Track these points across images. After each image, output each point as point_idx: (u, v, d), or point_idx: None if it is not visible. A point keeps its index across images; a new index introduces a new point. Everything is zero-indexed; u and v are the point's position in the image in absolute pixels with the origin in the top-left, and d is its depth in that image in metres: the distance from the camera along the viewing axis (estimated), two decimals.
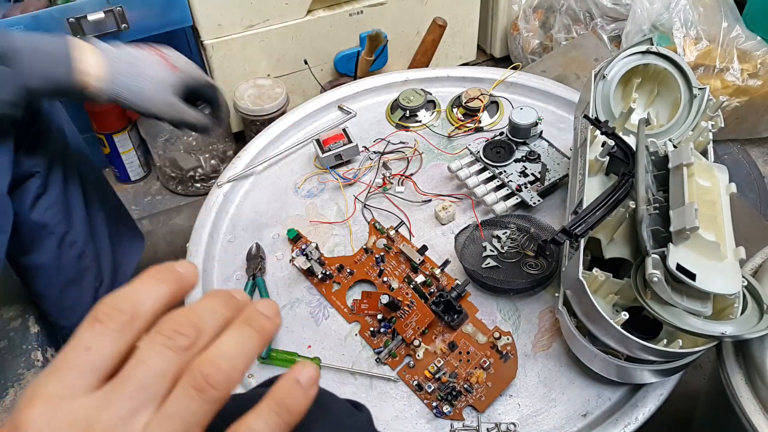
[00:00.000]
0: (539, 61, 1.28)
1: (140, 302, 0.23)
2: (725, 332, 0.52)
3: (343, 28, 1.33)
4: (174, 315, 0.23)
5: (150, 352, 0.22)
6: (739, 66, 1.28)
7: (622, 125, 0.70)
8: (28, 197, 0.68)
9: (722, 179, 0.60)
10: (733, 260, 0.54)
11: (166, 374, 0.22)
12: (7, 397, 0.64)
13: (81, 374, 0.22)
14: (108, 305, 0.23)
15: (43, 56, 0.56)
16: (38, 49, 0.56)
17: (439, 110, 0.95)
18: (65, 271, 0.74)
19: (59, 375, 0.21)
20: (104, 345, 0.22)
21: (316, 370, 0.25)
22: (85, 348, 0.22)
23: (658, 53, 0.71)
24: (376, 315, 0.70)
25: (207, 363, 0.22)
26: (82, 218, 0.75)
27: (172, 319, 0.23)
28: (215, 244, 0.82)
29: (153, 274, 0.24)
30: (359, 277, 0.74)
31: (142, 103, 0.59)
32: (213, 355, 0.23)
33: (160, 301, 0.24)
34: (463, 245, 0.73)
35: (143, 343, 0.23)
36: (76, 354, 0.22)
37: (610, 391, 0.64)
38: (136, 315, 0.23)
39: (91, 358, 0.22)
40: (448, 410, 0.62)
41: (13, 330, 0.70)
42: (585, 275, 0.57)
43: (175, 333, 0.23)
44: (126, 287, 0.24)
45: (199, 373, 0.22)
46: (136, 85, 0.58)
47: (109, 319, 0.22)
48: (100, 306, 0.23)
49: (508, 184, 0.80)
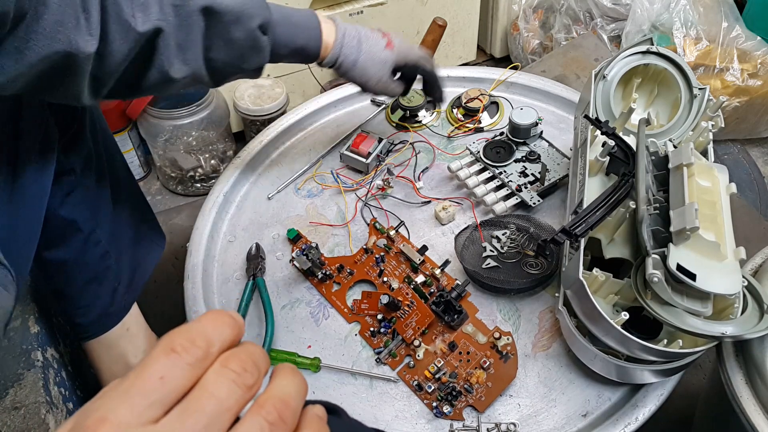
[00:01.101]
0: (539, 61, 1.28)
1: (213, 340, 0.24)
2: (725, 332, 0.52)
3: None
4: (238, 353, 0.24)
5: (219, 386, 0.23)
6: (739, 66, 1.28)
7: (622, 125, 0.70)
8: (60, 193, 0.68)
9: (722, 179, 0.60)
10: (733, 260, 0.54)
11: (233, 409, 0.23)
12: (7, 397, 0.64)
13: (152, 403, 0.22)
14: (184, 337, 0.23)
15: (296, 29, 0.67)
16: (293, 22, 0.66)
17: (439, 110, 0.95)
18: (87, 269, 0.74)
19: (130, 401, 0.21)
20: (177, 376, 0.22)
21: None
22: (159, 377, 0.22)
23: (658, 53, 0.71)
24: (376, 315, 0.70)
25: (279, 400, 0.24)
26: (109, 217, 0.75)
27: (237, 356, 0.24)
28: (215, 244, 0.82)
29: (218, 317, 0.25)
30: (359, 277, 0.74)
31: (357, 72, 0.71)
32: (281, 394, 0.24)
33: (226, 343, 0.24)
34: (463, 246, 0.73)
35: (211, 373, 0.23)
36: (150, 382, 0.22)
37: (610, 391, 0.64)
38: (210, 352, 0.23)
39: (164, 388, 0.22)
40: (448, 410, 0.62)
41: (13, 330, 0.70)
42: (585, 275, 0.57)
43: (243, 370, 0.23)
44: (196, 323, 0.24)
45: (273, 407, 0.23)
46: (356, 57, 0.70)
47: (185, 351, 0.23)
48: (174, 337, 0.23)
49: (508, 185, 0.80)
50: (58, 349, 0.75)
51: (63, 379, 0.72)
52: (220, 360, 0.23)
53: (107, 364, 0.80)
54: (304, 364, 0.68)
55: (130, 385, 0.22)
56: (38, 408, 0.63)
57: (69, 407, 0.69)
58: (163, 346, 0.23)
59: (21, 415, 0.63)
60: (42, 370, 0.67)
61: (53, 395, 0.67)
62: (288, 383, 0.25)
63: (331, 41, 0.69)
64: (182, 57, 0.58)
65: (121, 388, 0.22)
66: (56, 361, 0.73)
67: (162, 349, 0.23)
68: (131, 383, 0.22)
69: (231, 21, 0.58)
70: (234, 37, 0.60)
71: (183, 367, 0.22)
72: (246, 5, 0.59)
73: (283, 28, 0.65)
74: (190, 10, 0.56)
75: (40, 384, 0.65)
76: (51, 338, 0.75)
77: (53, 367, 0.71)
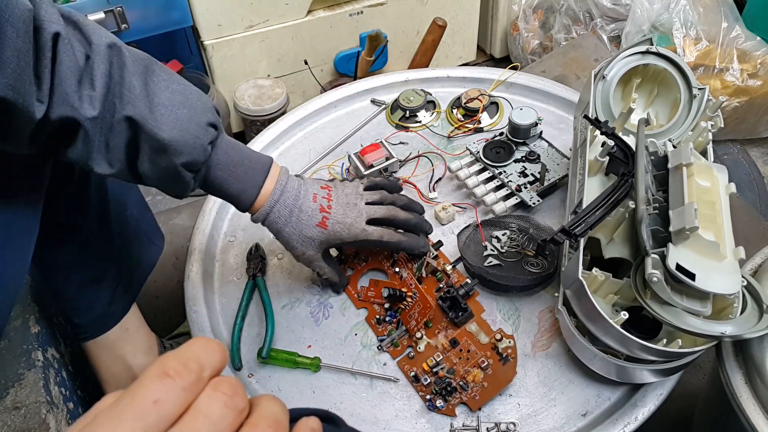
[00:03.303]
0: (539, 62, 1.28)
1: (205, 365, 0.24)
2: (725, 332, 0.52)
3: (343, 28, 1.33)
4: (225, 379, 0.25)
5: (212, 408, 0.23)
6: (739, 66, 1.28)
7: (622, 125, 0.70)
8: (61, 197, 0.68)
9: (722, 179, 0.61)
10: (732, 260, 0.54)
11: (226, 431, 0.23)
12: (7, 397, 0.64)
13: (148, 426, 0.22)
14: (177, 361, 0.24)
15: (233, 179, 0.62)
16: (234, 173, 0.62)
17: (438, 110, 0.95)
18: (86, 270, 0.74)
19: (126, 424, 0.22)
20: (171, 400, 0.23)
21: None
22: (154, 401, 0.22)
23: (658, 53, 0.71)
24: (383, 304, 0.71)
25: (271, 418, 0.25)
26: (108, 218, 0.75)
27: (227, 380, 0.25)
28: (215, 244, 0.82)
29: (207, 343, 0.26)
30: (373, 265, 0.75)
31: (282, 240, 0.66)
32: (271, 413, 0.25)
33: (216, 368, 0.25)
34: (464, 245, 0.74)
35: (204, 396, 0.24)
36: (145, 406, 0.22)
37: (609, 391, 0.64)
38: (202, 377, 0.24)
39: (159, 412, 0.22)
40: (441, 405, 0.63)
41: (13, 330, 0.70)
42: (585, 275, 0.57)
43: (234, 394, 0.24)
44: (187, 348, 0.25)
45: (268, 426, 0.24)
46: (281, 228, 0.65)
47: (178, 375, 0.23)
48: (168, 361, 0.24)
49: (508, 185, 0.80)
50: (58, 349, 0.75)
51: (63, 379, 0.72)
52: (211, 384, 0.24)
53: (106, 364, 0.80)
54: (304, 364, 0.68)
55: (126, 408, 0.22)
56: (39, 408, 0.63)
57: (69, 407, 0.69)
58: (156, 369, 0.23)
59: (21, 414, 0.63)
60: (42, 370, 0.67)
61: (54, 395, 0.67)
62: (272, 406, 0.26)
63: (263, 202, 0.63)
64: (107, 157, 0.54)
65: (115, 410, 0.22)
66: (57, 361, 0.73)
67: (155, 373, 0.23)
68: (127, 406, 0.22)
69: (156, 148, 0.54)
70: (157, 162, 0.55)
71: (177, 391, 0.23)
72: (176, 140, 0.54)
73: (221, 173, 0.61)
74: (118, 118, 0.52)
75: (40, 384, 0.65)
76: (52, 338, 0.75)
77: (54, 367, 0.71)
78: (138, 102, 0.52)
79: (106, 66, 0.51)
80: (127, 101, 0.52)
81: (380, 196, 0.70)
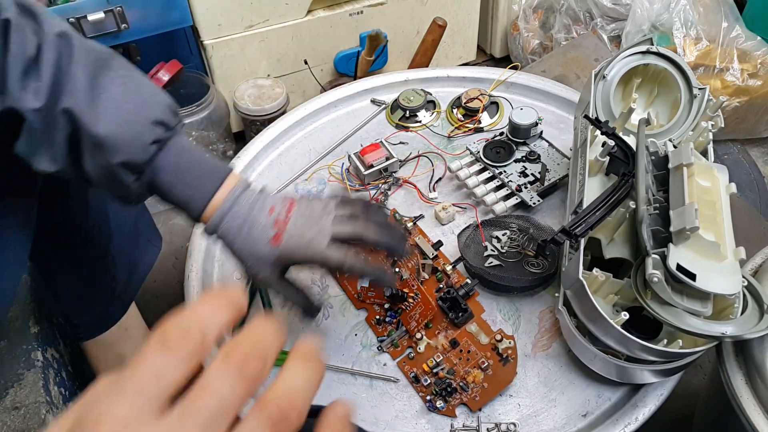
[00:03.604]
0: (539, 61, 1.28)
1: (209, 327, 0.23)
2: (725, 332, 0.52)
3: (343, 28, 1.33)
4: (241, 342, 0.23)
5: (221, 380, 0.22)
6: (739, 66, 1.28)
7: (622, 125, 0.70)
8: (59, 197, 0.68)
9: (722, 179, 0.60)
10: (733, 260, 0.54)
11: (236, 404, 0.22)
12: (7, 397, 0.64)
13: (150, 399, 0.21)
14: (178, 328, 0.22)
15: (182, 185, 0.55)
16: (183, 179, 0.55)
17: (439, 110, 0.95)
18: (85, 271, 0.74)
19: (128, 398, 0.21)
20: (172, 371, 0.22)
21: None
22: (156, 372, 0.21)
23: (658, 53, 0.71)
24: (383, 304, 0.71)
25: (283, 398, 0.22)
26: (106, 217, 0.75)
27: (240, 346, 0.23)
28: (215, 244, 0.82)
29: (214, 299, 0.24)
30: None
31: (235, 254, 0.58)
32: (287, 390, 0.23)
33: (224, 328, 0.23)
34: (464, 245, 0.74)
35: (212, 369, 0.22)
36: (147, 378, 0.21)
37: (610, 391, 0.64)
38: (206, 341, 0.22)
39: (162, 384, 0.21)
40: (441, 405, 0.63)
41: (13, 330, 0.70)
42: (585, 275, 0.57)
43: (246, 362, 0.22)
44: (191, 309, 0.23)
45: (276, 407, 0.22)
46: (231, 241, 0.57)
47: (179, 343, 0.22)
48: (168, 328, 0.22)
49: (508, 185, 0.80)
50: (58, 350, 0.75)
51: (63, 379, 0.72)
52: (222, 351, 0.22)
53: (105, 364, 0.80)
54: None
55: (127, 381, 0.21)
56: (38, 408, 0.63)
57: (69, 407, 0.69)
58: (156, 339, 0.22)
59: (21, 415, 0.63)
60: (42, 370, 0.67)
61: (53, 395, 0.67)
62: (296, 377, 0.23)
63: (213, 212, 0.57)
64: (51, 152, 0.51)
65: (116, 385, 0.21)
66: (56, 361, 0.73)
67: (156, 342, 0.22)
68: (127, 379, 0.21)
69: (93, 143, 0.50)
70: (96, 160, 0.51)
71: (177, 362, 0.22)
72: (113, 137, 0.49)
73: (168, 177, 0.54)
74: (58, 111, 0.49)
75: (40, 384, 0.65)
76: (51, 338, 0.75)
77: (53, 367, 0.71)
78: (78, 93, 0.49)
79: (54, 56, 0.48)
80: (67, 92, 0.49)
81: (351, 211, 0.59)
